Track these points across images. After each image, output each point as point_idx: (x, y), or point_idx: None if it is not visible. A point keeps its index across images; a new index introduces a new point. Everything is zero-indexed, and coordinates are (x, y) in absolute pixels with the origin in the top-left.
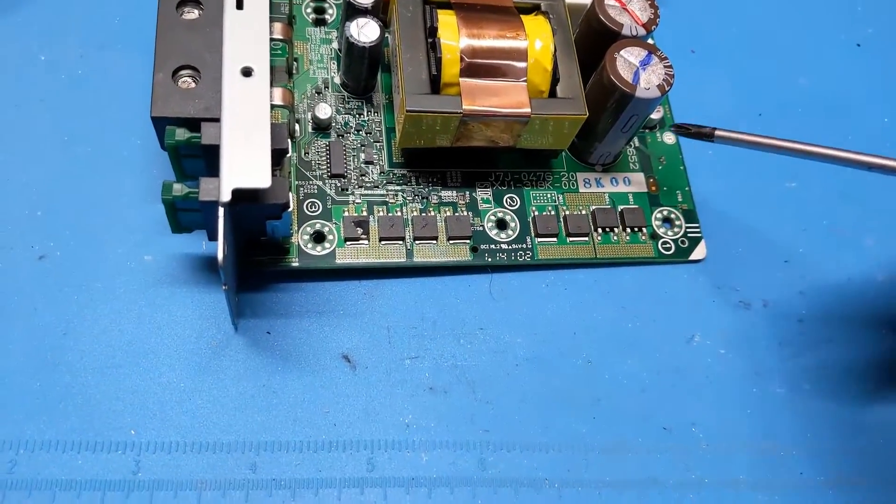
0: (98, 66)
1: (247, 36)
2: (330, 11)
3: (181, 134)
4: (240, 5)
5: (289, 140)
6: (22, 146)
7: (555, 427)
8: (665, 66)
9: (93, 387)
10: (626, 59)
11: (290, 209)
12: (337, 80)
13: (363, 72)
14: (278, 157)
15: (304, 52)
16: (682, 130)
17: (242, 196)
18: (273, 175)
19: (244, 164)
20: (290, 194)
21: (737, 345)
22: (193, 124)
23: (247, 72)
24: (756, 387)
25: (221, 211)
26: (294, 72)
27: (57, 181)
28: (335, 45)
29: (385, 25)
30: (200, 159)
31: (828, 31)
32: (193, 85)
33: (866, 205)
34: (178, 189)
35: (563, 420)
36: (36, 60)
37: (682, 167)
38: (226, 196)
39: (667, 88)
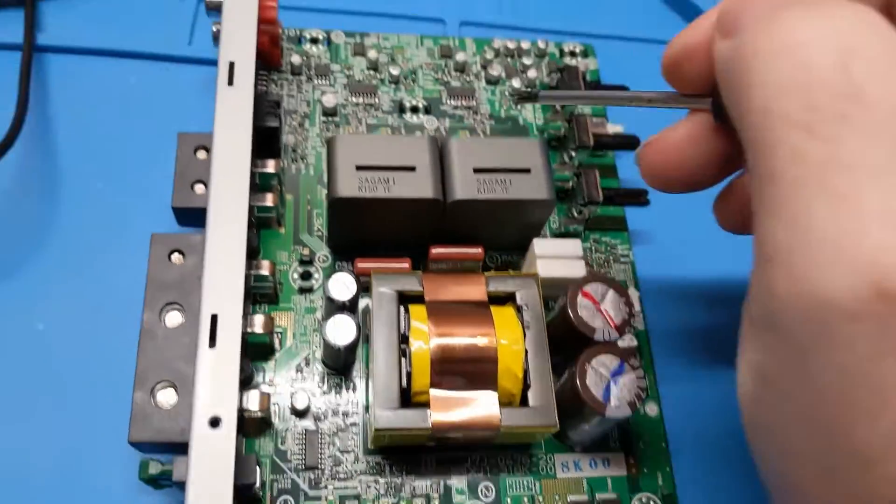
0: (91, 344)
1: (217, 378)
2: (316, 276)
3: (154, 468)
4: (213, 343)
5: (256, 471)
6: (20, 423)
7: None
8: (637, 377)
9: None
10: (598, 371)
11: None
12: (319, 354)
13: (341, 360)
14: (248, 488)
15: (289, 325)
16: (515, 97)
17: None
18: None
19: None
20: None
21: None
22: (168, 447)
23: (214, 422)
24: None
25: None
26: (277, 347)
27: (51, 461)
28: (318, 314)
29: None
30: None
31: None
32: (173, 400)
33: None
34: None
35: None
36: (29, 330)
37: (664, 444)
38: None
39: (638, 404)
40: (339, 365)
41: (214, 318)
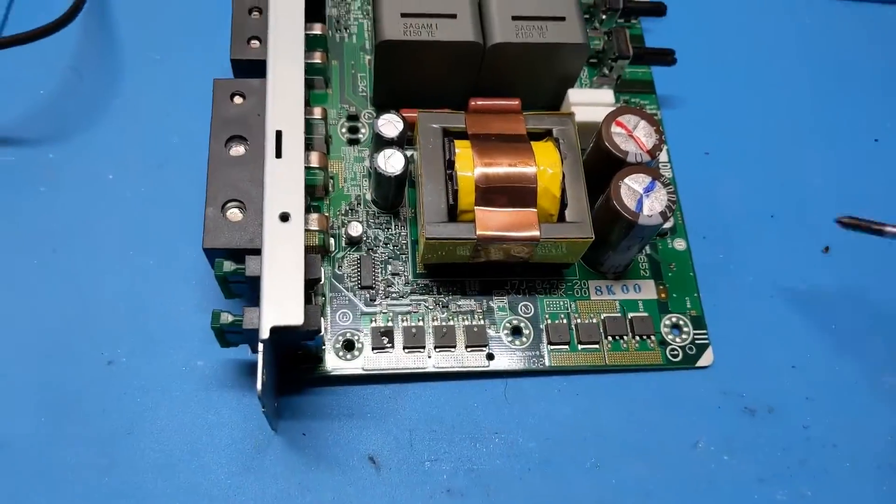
0: (158, 184)
1: (285, 183)
2: (363, 131)
3: (228, 266)
4: (279, 154)
5: (321, 268)
6: (91, 259)
7: None
8: (668, 192)
9: (151, 484)
10: (630, 187)
11: (321, 333)
12: (368, 196)
13: (390, 194)
14: (313, 283)
15: (340, 171)
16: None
17: (277, 329)
18: (308, 304)
19: (281, 301)
20: (321, 319)
21: (740, 451)
22: (239, 253)
23: (284, 217)
24: (758, 493)
25: (261, 346)
26: (330, 189)
27: (123, 292)
28: (367, 163)
29: (411, 144)
30: (245, 284)
31: (844, 128)
32: (240, 216)
33: (876, 309)
34: (225, 318)
35: None
36: (104, 179)
37: (692, 273)
38: (265, 334)
39: (669, 215)
40: (388, 202)
41: (279, 134)
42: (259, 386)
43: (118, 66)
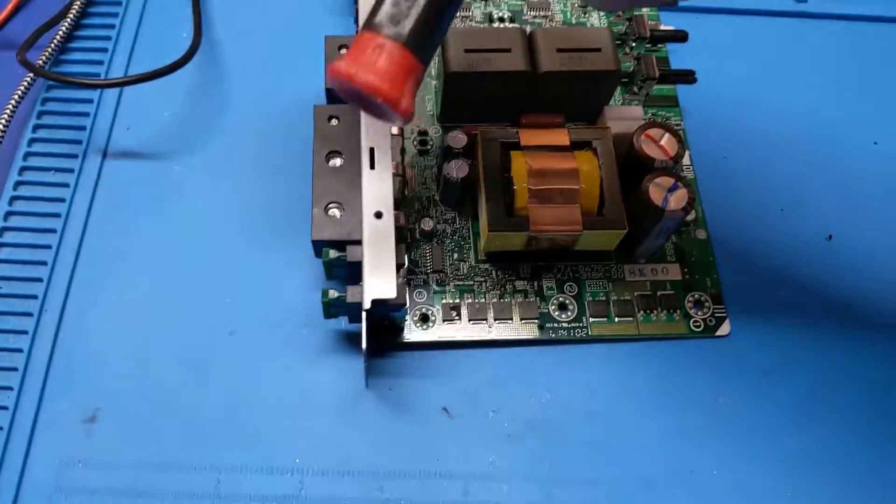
0: (268, 189)
1: (377, 188)
2: (430, 143)
3: (332, 254)
4: (372, 166)
5: (405, 256)
6: (217, 250)
7: (605, 467)
8: (688, 193)
9: (269, 427)
10: (658, 185)
11: (406, 306)
12: (437, 197)
13: (456, 195)
14: (398, 268)
15: (413, 177)
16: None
17: (376, 301)
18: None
19: (377, 279)
20: (406, 295)
21: (756, 406)
22: (340, 244)
23: (378, 215)
24: (770, 440)
25: (364, 314)
26: (406, 192)
27: (244, 276)
28: (435, 170)
29: (471, 154)
30: (344, 268)
31: (846, 133)
32: (339, 215)
33: (871, 287)
34: (333, 294)
35: (612, 462)
36: (223, 187)
37: (711, 258)
38: (367, 305)
39: (689, 210)
40: (454, 201)
41: (372, 150)
42: (364, 344)
43: (228, 94)
